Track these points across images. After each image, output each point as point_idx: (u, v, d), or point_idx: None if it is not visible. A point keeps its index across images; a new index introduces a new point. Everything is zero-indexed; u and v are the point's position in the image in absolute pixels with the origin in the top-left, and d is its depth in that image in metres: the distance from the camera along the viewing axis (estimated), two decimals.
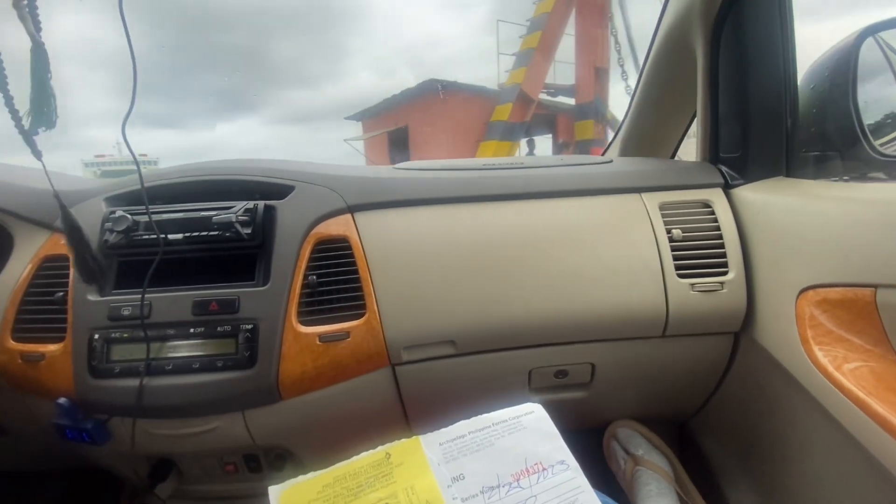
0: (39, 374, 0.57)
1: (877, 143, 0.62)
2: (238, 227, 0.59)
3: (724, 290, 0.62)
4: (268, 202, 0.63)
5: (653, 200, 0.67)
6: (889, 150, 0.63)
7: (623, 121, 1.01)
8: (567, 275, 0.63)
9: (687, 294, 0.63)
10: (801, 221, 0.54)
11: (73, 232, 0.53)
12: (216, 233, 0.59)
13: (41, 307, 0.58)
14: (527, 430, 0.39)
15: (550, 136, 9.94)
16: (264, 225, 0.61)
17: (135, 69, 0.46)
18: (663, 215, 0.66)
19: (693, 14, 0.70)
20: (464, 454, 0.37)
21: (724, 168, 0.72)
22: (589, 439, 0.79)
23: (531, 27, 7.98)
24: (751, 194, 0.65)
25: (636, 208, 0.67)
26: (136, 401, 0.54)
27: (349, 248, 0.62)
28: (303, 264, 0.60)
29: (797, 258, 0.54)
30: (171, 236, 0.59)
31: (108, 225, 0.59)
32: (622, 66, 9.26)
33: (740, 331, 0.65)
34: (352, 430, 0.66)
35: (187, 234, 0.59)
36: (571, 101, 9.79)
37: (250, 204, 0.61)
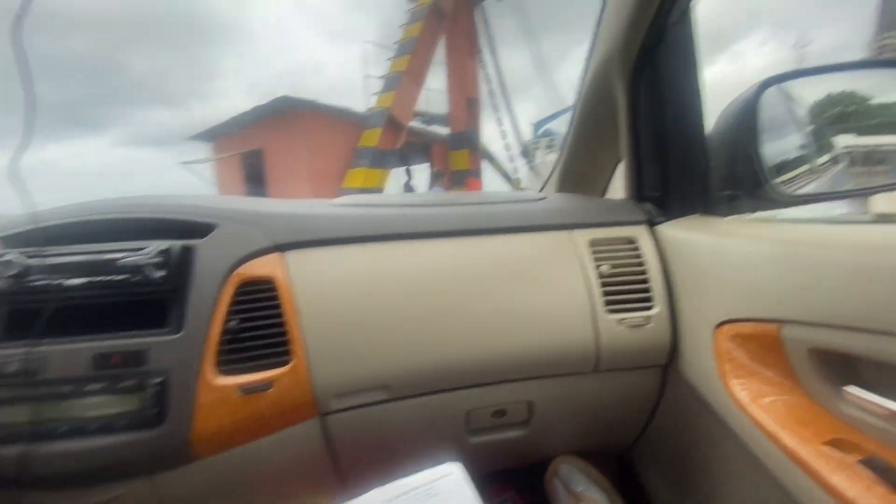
0: None
1: (778, 182, 0.69)
2: (149, 270, 0.55)
3: (651, 325, 0.66)
4: (186, 242, 0.59)
5: (583, 237, 0.70)
6: (788, 190, 0.72)
7: (558, 159, 1.06)
8: (503, 312, 0.64)
9: (616, 329, 0.66)
10: (716, 258, 0.58)
11: None
12: (123, 277, 0.54)
13: None
14: (440, 496, 0.40)
15: (427, 165, 9.38)
16: (180, 267, 0.57)
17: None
18: (593, 251, 0.69)
19: (613, 61, 0.75)
20: None
21: (648, 206, 0.77)
22: (533, 475, 0.82)
23: (400, 50, 7.51)
24: (672, 231, 0.70)
25: (567, 245, 0.70)
26: (18, 471, 0.49)
27: (274, 289, 0.59)
28: (222, 308, 0.57)
29: (713, 293, 0.58)
30: (69, 282, 0.54)
31: None
32: (496, 110, 9.20)
33: (668, 364, 0.68)
34: (277, 488, 0.63)
35: (89, 280, 0.54)
36: (446, 130, 9.43)
37: (164, 244, 0.57)
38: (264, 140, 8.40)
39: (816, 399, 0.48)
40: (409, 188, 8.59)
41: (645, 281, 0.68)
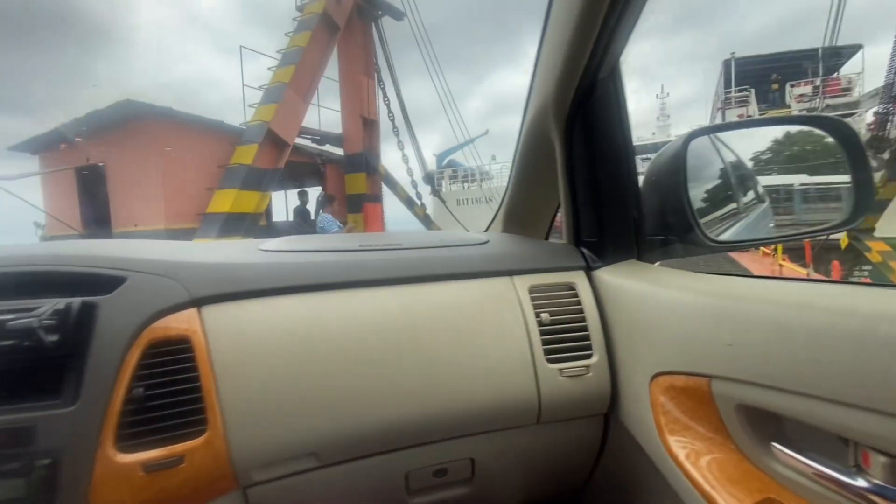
0: None
1: (707, 227, 0.75)
2: (41, 333, 0.49)
3: (590, 374, 0.67)
4: (87, 299, 0.54)
5: (523, 283, 0.71)
6: (716, 236, 0.77)
7: (503, 198, 1.08)
8: (443, 366, 0.63)
9: (556, 379, 0.66)
10: (649, 307, 0.60)
11: None
12: (10, 342, 0.48)
13: None
14: None
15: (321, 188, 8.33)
16: (78, 328, 0.52)
17: None
18: (532, 299, 0.70)
19: (548, 112, 0.78)
20: None
21: (585, 251, 0.79)
22: None
23: (283, 60, 6.67)
24: (608, 277, 0.72)
25: (508, 292, 0.70)
26: None
27: (190, 350, 0.55)
28: (127, 374, 0.52)
29: (648, 343, 0.60)
30: None
31: None
32: (397, 135, 8.55)
33: (608, 412, 0.70)
34: None
35: None
36: (341, 152, 8.46)
37: (61, 303, 0.51)
38: (105, 153, 6.71)
39: (747, 455, 0.49)
40: (302, 213, 7.47)
41: (584, 329, 0.69)
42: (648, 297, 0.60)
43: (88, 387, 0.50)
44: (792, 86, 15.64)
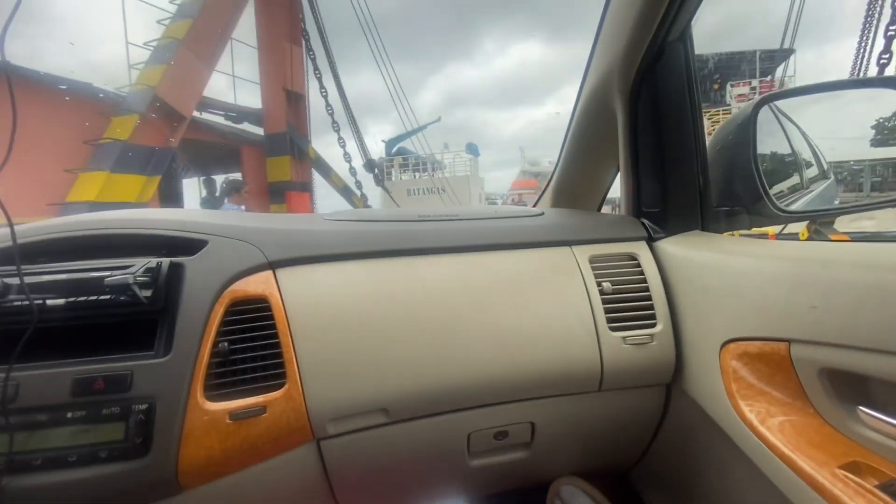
0: None
1: (776, 198, 0.74)
2: (136, 289, 0.53)
3: (654, 343, 0.69)
4: (174, 259, 0.59)
5: (583, 253, 0.72)
6: (787, 206, 0.77)
7: (553, 173, 1.08)
8: (505, 331, 0.65)
9: (619, 347, 0.68)
10: (719, 276, 0.63)
11: None
12: (108, 297, 0.53)
13: None
14: None
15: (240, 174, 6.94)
16: (168, 286, 0.57)
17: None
18: (593, 268, 0.71)
19: (612, 80, 0.79)
20: None
21: (646, 222, 0.81)
22: (532, 497, 0.84)
23: (179, 12, 5.29)
24: (672, 247, 0.74)
25: (568, 261, 0.72)
26: None
27: (269, 308, 0.59)
28: (213, 329, 0.56)
29: (718, 312, 0.62)
30: (50, 302, 0.52)
31: None
32: (331, 113, 7.30)
33: (671, 382, 0.73)
34: None
35: (71, 300, 0.53)
36: (261, 132, 7.06)
37: (152, 262, 0.57)
38: None
39: (828, 420, 0.50)
40: (211, 203, 6.05)
41: (647, 298, 0.70)
42: (719, 266, 0.62)
43: (179, 340, 0.54)
44: (732, 86, 16.15)
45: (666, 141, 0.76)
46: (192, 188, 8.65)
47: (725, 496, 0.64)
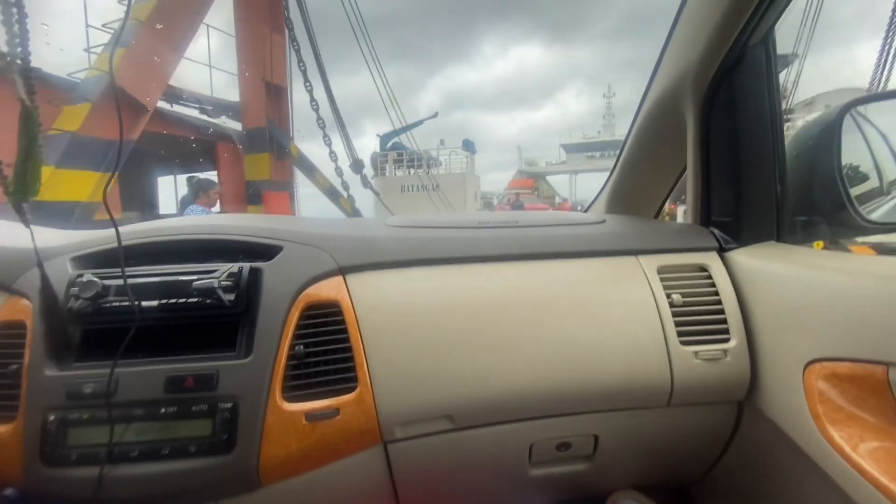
0: None
1: (863, 207, 0.71)
2: (220, 293, 0.57)
3: (728, 359, 0.66)
4: (253, 264, 0.63)
5: (650, 263, 0.70)
6: (874, 217, 0.72)
7: (609, 177, 1.06)
8: (569, 341, 0.65)
9: (691, 362, 0.65)
10: (803, 291, 0.60)
11: (49, 300, 0.54)
12: (196, 300, 0.58)
13: None
14: None
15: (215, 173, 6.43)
16: (248, 290, 0.60)
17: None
18: (662, 279, 0.69)
19: (685, 84, 0.77)
20: None
21: (716, 231, 0.78)
22: None
23: None
24: (746, 259, 0.71)
25: (634, 271, 0.70)
26: (94, 493, 0.52)
27: (340, 313, 0.62)
28: (289, 333, 0.59)
29: (802, 329, 0.59)
30: (145, 303, 0.57)
31: (75, 290, 0.56)
32: (316, 109, 6.72)
33: (744, 399, 0.69)
34: None
35: (163, 302, 0.57)
36: (239, 126, 6.52)
37: (234, 267, 0.61)
38: None
39: None
40: (188, 204, 5.46)
41: (720, 311, 0.67)
42: (804, 280, 0.59)
43: (259, 342, 0.57)
44: None
45: (742, 147, 0.73)
46: (166, 187, 8.12)
47: None
